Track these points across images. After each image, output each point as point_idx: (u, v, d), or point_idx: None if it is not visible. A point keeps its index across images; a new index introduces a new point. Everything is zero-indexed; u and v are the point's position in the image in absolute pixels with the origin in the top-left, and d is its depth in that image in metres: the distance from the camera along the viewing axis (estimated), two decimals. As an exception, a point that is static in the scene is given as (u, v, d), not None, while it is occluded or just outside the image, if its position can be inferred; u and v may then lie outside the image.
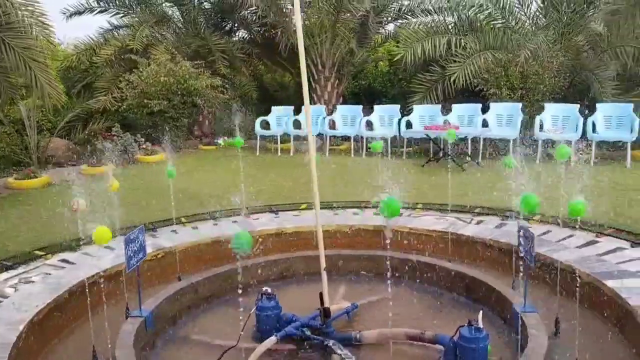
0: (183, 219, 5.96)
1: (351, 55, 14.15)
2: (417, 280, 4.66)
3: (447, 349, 3.49)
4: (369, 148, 9.56)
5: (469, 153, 10.06)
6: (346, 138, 11.80)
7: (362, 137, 10.97)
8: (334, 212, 6.16)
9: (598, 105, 9.65)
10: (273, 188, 7.83)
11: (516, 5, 12.20)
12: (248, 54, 15.29)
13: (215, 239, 5.23)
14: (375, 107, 11.53)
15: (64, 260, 4.80)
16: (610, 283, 3.87)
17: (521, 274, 3.64)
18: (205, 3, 15.40)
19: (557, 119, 9.84)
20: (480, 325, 3.39)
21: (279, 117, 12.38)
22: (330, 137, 11.56)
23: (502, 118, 10.26)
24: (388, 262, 4.36)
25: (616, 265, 4.21)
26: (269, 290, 4.05)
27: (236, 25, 16.13)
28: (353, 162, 10.25)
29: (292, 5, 3.81)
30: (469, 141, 10.24)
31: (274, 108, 12.56)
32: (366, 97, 15.07)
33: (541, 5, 12.00)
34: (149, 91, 11.82)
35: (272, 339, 3.65)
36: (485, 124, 10.04)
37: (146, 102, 11.83)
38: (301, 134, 11.41)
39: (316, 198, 3.78)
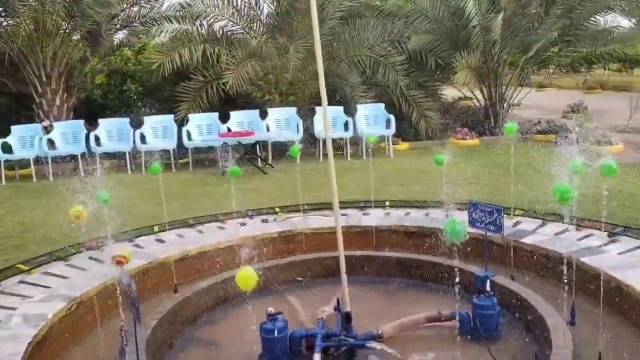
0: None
1: (83, 64, 12.88)
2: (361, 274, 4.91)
3: (463, 321, 3.89)
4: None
5: (261, 156, 10.41)
6: (112, 155, 10.78)
7: (139, 152, 10.23)
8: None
9: (359, 106, 11.15)
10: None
11: (257, 16, 13.05)
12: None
13: None
14: (145, 118, 10.84)
15: None
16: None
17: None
18: None
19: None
20: (490, 293, 3.89)
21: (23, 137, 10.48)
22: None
23: (281, 122, 10.92)
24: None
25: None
26: (273, 310, 3.77)
27: None
28: (136, 181, 9.45)
29: None
30: (258, 146, 10.58)
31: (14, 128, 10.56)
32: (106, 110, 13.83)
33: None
34: None
35: (317, 356, 3.46)
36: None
37: None
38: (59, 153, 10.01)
39: (335, 199, 3.72)
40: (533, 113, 15.70)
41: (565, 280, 4.33)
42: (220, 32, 12.95)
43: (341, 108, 11.11)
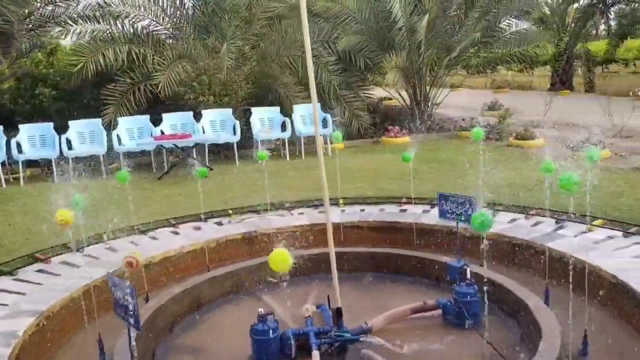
0: None
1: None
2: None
3: (446, 308, 4.02)
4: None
5: (196, 158, 10.15)
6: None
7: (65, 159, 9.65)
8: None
9: (295, 106, 11.16)
10: None
11: (184, 17, 12.74)
12: None
13: None
14: (70, 123, 10.23)
15: None
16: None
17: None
18: None
19: (263, 121, 10.92)
20: (471, 280, 4.04)
21: None
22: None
23: (216, 123, 10.70)
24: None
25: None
26: (263, 311, 3.70)
27: None
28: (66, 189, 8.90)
29: None
30: (195, 148, 10.31)
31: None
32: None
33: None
34: None
35: (316, 353, 3.44)
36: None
37: None
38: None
39: (325, 195, 3.71)
40: (454, 112, 16.43)
41: (537, 265, 4.61)
42: (145, 33, 12.51)
43: (277, 108, 11.08)
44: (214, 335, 4.11)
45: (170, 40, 12.45)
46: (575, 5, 21.14)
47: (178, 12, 12.65)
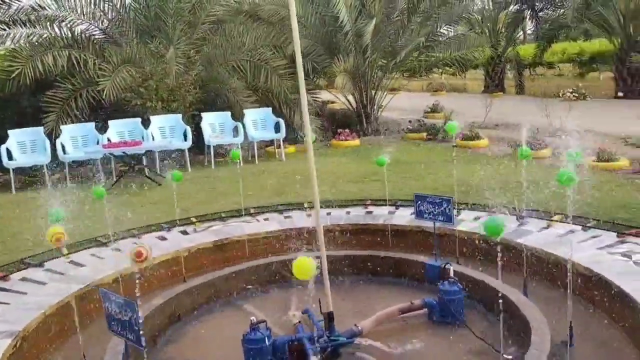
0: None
1: None
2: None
3: (432, 307, 4.11)
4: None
5: (149, 166, 9.86)
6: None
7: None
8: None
9: (246, 111, 11.04)
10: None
11: (126, 20, 12.34)
12: None
13: None
14: (10, 132, 9.68)
15: None
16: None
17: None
18: None
19: (214, 126, 10.75)
20: (455, 279, 4.15)
21: None
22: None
23: (165, 130, 10.43)
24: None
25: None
26: (255, 319, 3.65)
27: None
28: (7, 203, 8.46)
29: None
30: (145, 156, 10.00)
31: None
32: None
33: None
34: None
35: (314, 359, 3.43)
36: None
37: None
38: None
39: (316, 198, 3.70)
40: (397, 114, 16.77)
41: (512, 262, 4.76)
42: (85, 37, 12.04)
43: (228, 113, 10.94)
44: (200, 347, 4.01)
45: (113, 45, 12.02)
46: (506, 10, 22.10)
47: (119, 16, 12.24)
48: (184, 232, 6.01)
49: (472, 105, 17.61)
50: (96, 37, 12.30)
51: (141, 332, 2.73)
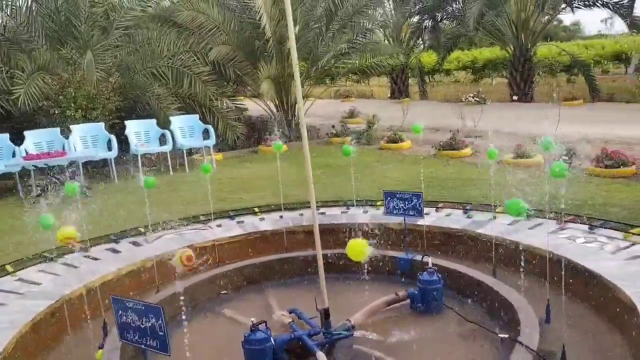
0: None
1: None
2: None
3: (413, 297, 4.29)
4: None
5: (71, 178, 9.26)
6: None
7: None
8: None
9: (172, 118, 10.74)
10: None
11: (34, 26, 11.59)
12: None
13: None
14: None
15: None
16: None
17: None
18: None
19: (139, 134, 10.35)
20: (434, 269, 4.35)
21: None
22: None
23: (87, 139, 9.89)
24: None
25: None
26: (255, 320, 3.62)
27: None
28: None
29: None
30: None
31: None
32: None
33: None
34: None
35: (321, 354, 3.47)
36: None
37: None
38: None
39: (312, 198, 3.73)
40: (314, 120, 17.02)
41: (482, 252, 5.05)
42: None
43: (154, 121, 10.58)
44: (191, 354, 3.88)
45: (18, 52, 11.23)
46: (408, 21, 23.21)
47: (26, 21, 11.46)
48: (135, 243, 5.78)
49: (384, 110, 18.28)
50: (2, 43, 11.43)
51: (169, 338, 2.63)
